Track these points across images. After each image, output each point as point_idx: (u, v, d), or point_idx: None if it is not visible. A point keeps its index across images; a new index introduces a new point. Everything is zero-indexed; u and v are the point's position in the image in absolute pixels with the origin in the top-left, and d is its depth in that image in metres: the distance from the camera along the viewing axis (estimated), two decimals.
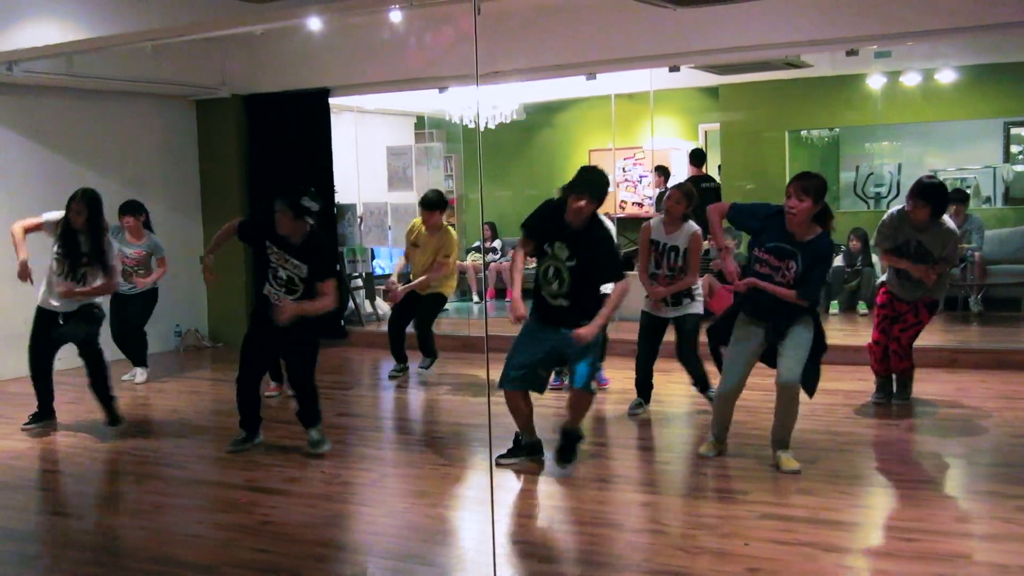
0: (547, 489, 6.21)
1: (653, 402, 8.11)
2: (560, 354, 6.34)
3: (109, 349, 8.23)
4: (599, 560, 4.98)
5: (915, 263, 7.32)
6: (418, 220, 9.47)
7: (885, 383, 7.97)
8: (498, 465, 6.45)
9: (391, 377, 9.66)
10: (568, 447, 6.39)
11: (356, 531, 5.64)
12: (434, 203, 9.22)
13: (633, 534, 5.30)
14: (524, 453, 6.54)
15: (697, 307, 7.77)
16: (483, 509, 5.72)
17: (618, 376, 8.97)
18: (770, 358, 6.34)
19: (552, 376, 8.43)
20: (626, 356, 10.02)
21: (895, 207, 7.54)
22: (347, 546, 5.37)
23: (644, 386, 8.00)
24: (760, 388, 7.60)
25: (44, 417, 8.08)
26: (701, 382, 7.91)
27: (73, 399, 8.57)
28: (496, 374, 6.42)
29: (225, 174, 12.27)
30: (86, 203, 7.68)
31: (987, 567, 4.66)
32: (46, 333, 7.88)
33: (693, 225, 7.64)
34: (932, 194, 7.23)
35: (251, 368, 7.13)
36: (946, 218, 7.39)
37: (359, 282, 13.10)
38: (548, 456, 6.91)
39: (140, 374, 9.99)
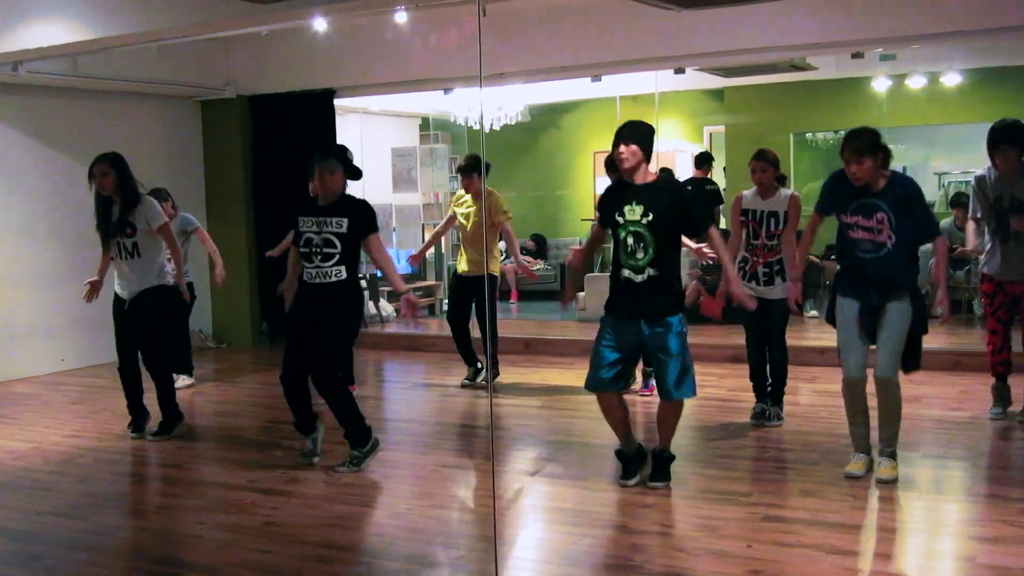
0: (549, 490, 6.21)
1: (652, 402, 8.09)
2: (644, 350, 5.98)
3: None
4: (602, 561, 4.98)
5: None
6: (459, 193, 9.34)
7: (1004, 391, 7.48)
8: (622, 486, 6.01)
9: (463, 386, 9.28)
10: (660, 469, 6.04)
11: (358, 532, 5.64)
12: (469, 168, 9.07)
13: (635, 535, 5.30)
14: (637, 466, 6.09)
15: (786, 289, 7.12)
16: (486, 511, 5.72)
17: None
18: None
19: (640, 381, 8.25)
20: None
21: (974, 172, 7.13)
22: (349, 547, 5.37)
23: (760, 384, 7.56)
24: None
25: (138, 418, 7.75)
26: (778, 386, 7.49)
27: (75, 399, 8.58)
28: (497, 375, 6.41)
29: (230, 175, 12.28)
30: (109, 163, 7.25)
31: (990, 569, 4.65)
32: (119, 323, 7.56)
33: (788, 190, 7.35)
34: (1016, 134, 6.87)
35: (295, 363, 6.56)
36: None
37: (363, 283, 13.10)
38: (544, 458, 6.91)
39: (181, 380, 9.43)
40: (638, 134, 5.86)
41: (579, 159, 15.96)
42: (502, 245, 10.51)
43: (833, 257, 12.87)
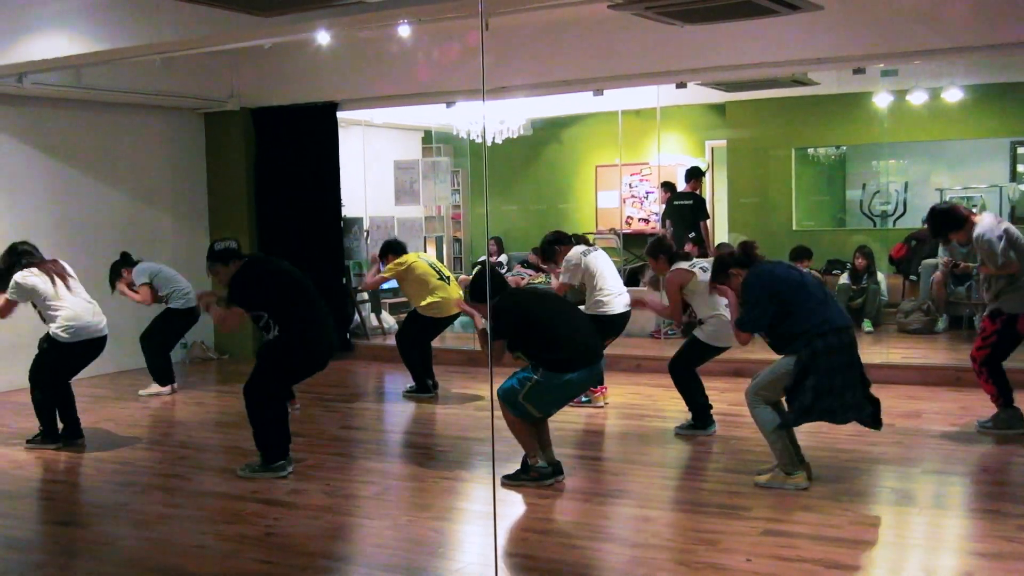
0: (550, 504, 6.21)
1: (654, 416, 8.11)
2: None
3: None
4: (601, 574, 4.99)
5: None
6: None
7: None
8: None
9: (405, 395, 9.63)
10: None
11: (359, 543, 5.65)
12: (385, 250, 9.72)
13: (635, 549, 5.30)
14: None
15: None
16: (485, 523, 5.72)
17: (618, 391, 8.98)
18: None
19: None
20: (628, 372, 10.07)
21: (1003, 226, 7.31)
22: (350, 558, 5.38)
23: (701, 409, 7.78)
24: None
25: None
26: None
27: (79, 408, 8.57)
28: (499, 385, 6.42)
29: (233, 187, 12.31)
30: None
31: None
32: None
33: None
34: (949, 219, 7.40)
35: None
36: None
37: (365, 295, 13.12)
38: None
39: (153, 387, 9.95)
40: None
41: (581, 173, 15.99)
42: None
43: (835, 272, 12.93)
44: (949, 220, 7.43)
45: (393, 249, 9.52)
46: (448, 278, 9.45)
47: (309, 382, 7.58)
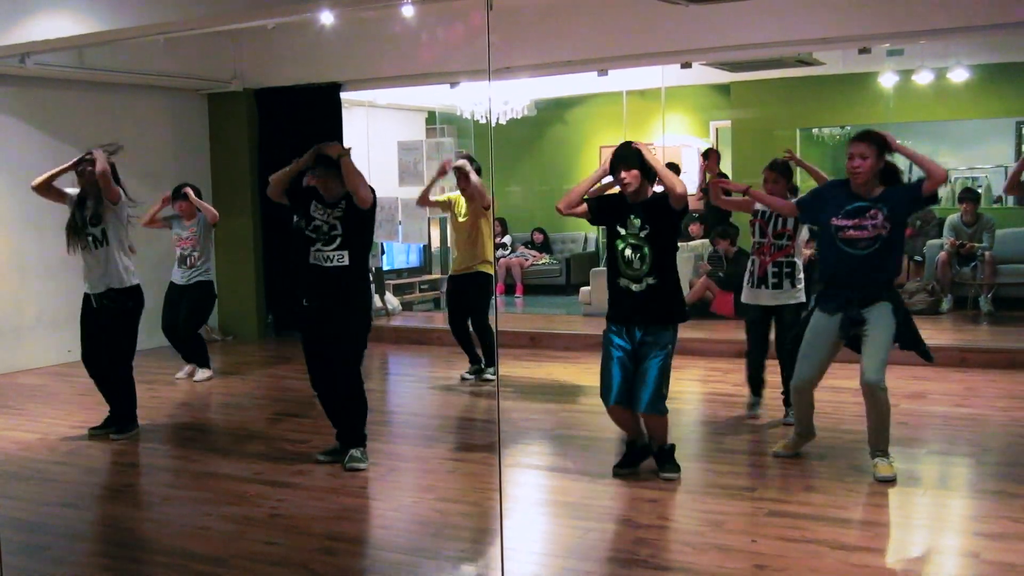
0: (555, 484, 6.22)
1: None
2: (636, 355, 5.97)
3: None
4: (606, 555, 4.99)
5: None
6: (454, 196, 9.28)
7: None
8: (615, 476, 6.12)
9: (464, 379, 9.28)
10: (667, 460, 6.10)
11: (364, 524, 5.65)
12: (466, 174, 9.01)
13: (640, 529, 5.30)
14: (638, 459, 6.21)
15: (799, 295, 7.21)
16: (491, 504, 5.73)
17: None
18: (856, 344, 5.99)
19: None
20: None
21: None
22: (355, 539, 5.39)
23: (756, 383, 7.59)
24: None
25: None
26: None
27: (82, 390, 8.59)
28: (504, 366, 6.42)
29: (236, 168, 12.30)
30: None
31: (995, 565, 4.65)
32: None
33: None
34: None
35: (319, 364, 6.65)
36: None
37: (370, 276, 13.09)
38: (549, 452, 6.93)
39: (200, 373, 9.72)
40: (638, 158, 5.88)
41: (585, 153, 15.96)
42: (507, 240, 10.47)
43: None
44: None
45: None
46: None
47: None
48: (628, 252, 5.91)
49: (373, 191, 6.43)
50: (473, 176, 8.85)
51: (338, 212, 6.42)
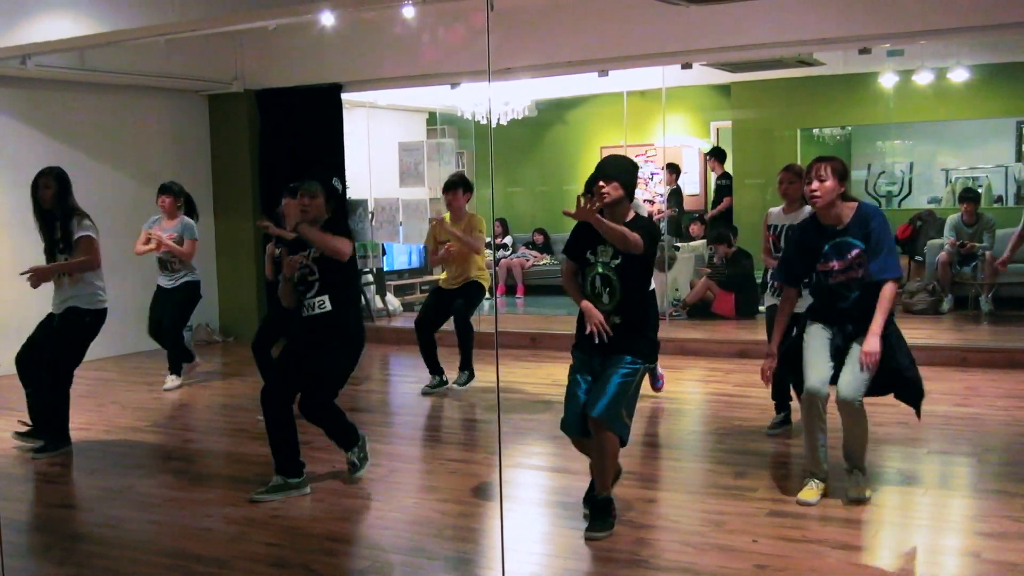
0: (556, 485, 6.23)
1: (664, 398, 8.11)
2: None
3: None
4: (608, 556, 4.99)
5: None
6: (445, 216, 8.95)
7: None
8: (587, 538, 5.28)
9: (424, 393, 8.96)
10: (598, 510, 5.33)
11: (365, 525, 5.66)
12: (457, 184, 8.76)
13: (641, 530, 5.31)
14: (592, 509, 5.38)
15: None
16: (492, 504, 5.73)
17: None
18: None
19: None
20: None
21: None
22: (356, 540, 5.39)
23: (779, 395, 7.20)
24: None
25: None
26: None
27: (83, 392, 8.60)
28: (505, 367, 6.41)
29: (237, 169, 12.30)
30: (54, 178, 7.34)
31: (995, 565, 4.66)
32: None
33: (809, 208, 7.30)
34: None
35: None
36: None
37: (370, 277, 13.12)
38: (550, 452, 6.94)
39: (170, 380, 9.43)
40: (621, 170, 5.35)
41: (585, 154, 15.95)
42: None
43: None
44: None
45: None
46: None
47: None
48: (597, 282, 5.36)
49: (351, 237, 6.22)
50: (466, 239, 8.61)
51: (315, 254, 6.14)
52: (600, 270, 5.34)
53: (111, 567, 5.07)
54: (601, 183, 5.26)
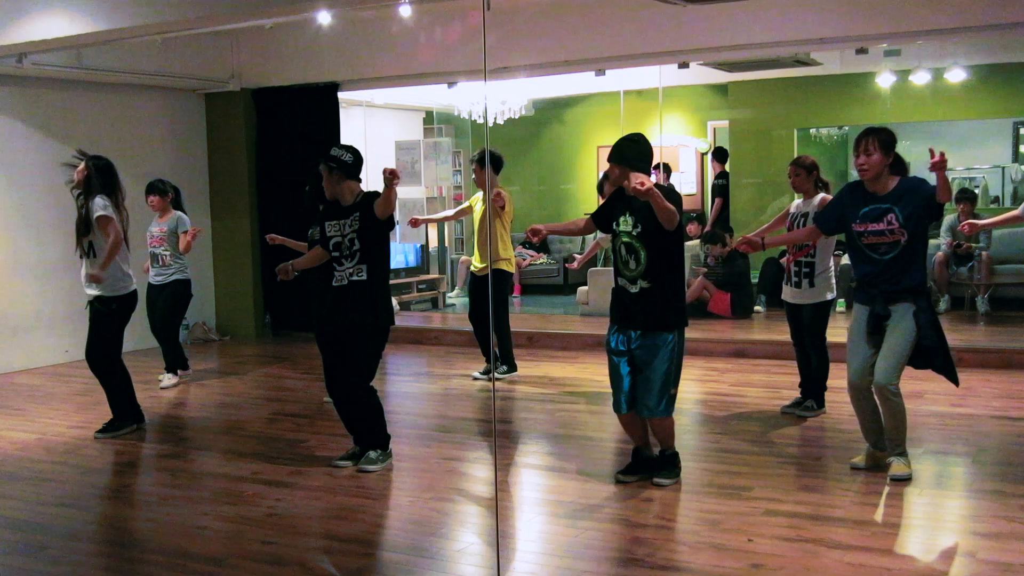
0: (553, 484, 6.23)
1: None
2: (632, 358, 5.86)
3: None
4: (603, 555, 5.00)
5: None
6: (474, 199, 9.44)
7: None
8: (617, 482, 5.97)
9: (475, 379, 9.32)
10: (663, 464, 5.99)
11: (361, 524, 5.65)
12: (481, 160, 9.00)
13: (638, 529, 5.31)
14: (642, 468, 6.02)
15: (819, 295, 7.36)
16: (489, 504, 5.73)
17: None
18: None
19: None
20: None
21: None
22: (352, 539, 5.39)
23: (803, 377, 7.66)
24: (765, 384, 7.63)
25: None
26: (815, 385, 7.54)
27: (79, 390, 8.61)
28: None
29: (234, 167, 12.30)
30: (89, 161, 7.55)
31: (991, 565, 4.66)
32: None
33: (823, 195, 7.39)
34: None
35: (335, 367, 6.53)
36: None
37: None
38: (546, 451, 6.94)
39: (166, 379, 9.43)
40: (635, 154, 5.87)
41: (583, 153, 15.97)
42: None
43: (837, 253, 12.92)
44: None
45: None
46: None
47: (314, 364, 7.59)
48: (623, 251, 5.80)
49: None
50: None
51: (356, 224, 6.36)
52: (625, 239, 5.79)
53: (108, 566, 5.07)
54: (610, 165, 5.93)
